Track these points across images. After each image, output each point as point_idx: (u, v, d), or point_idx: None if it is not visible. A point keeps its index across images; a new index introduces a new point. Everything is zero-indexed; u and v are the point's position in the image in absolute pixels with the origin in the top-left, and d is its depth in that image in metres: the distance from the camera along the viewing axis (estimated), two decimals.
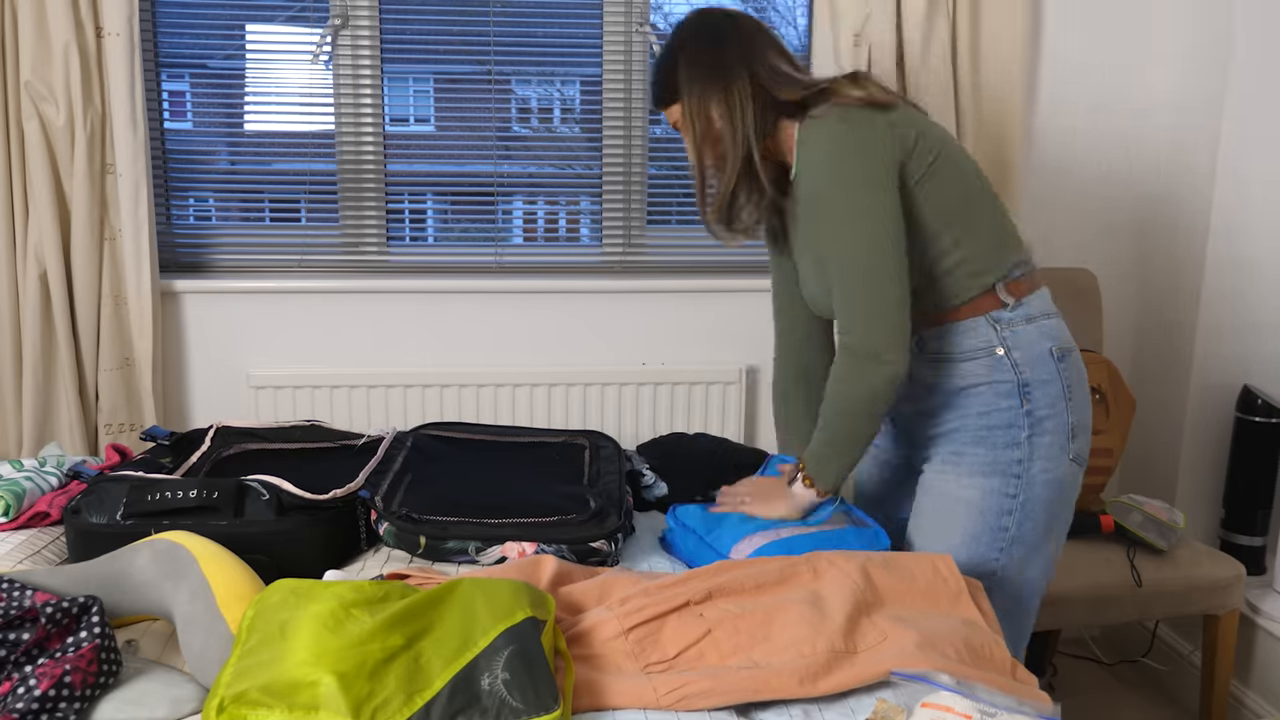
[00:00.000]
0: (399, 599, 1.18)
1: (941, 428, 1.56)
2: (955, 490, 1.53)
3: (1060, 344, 1.52)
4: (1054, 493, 1.52)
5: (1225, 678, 2.19)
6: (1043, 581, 1.59)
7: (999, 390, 1.49)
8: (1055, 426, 1.49)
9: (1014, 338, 1.49)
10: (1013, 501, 1.50)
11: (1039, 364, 1.49)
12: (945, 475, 1.55)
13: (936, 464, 1.57)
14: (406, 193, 2.55)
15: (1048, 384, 1.49)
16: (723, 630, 1.23)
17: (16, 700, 1.04)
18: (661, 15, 2.55)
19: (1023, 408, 1.48)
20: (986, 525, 1.51)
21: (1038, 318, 1.51)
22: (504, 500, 1.59)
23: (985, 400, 1.50)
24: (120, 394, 2.33)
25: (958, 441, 1.53)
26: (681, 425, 2.55)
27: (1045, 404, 1.49)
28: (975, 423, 1.51)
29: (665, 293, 2.55)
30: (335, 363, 2.48)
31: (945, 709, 1.05)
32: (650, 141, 2.58)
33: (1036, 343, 1.50)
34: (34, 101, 2.17)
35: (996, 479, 1.50)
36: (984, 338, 1.50)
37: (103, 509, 1.47)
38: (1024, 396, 1.48)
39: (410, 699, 1.04)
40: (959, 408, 1.53)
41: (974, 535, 1.52)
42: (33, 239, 2.23)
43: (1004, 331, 1.50)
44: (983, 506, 1.51)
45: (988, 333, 1.50)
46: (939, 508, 1.55)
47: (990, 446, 1.50)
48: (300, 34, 2.43)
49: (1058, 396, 1.49)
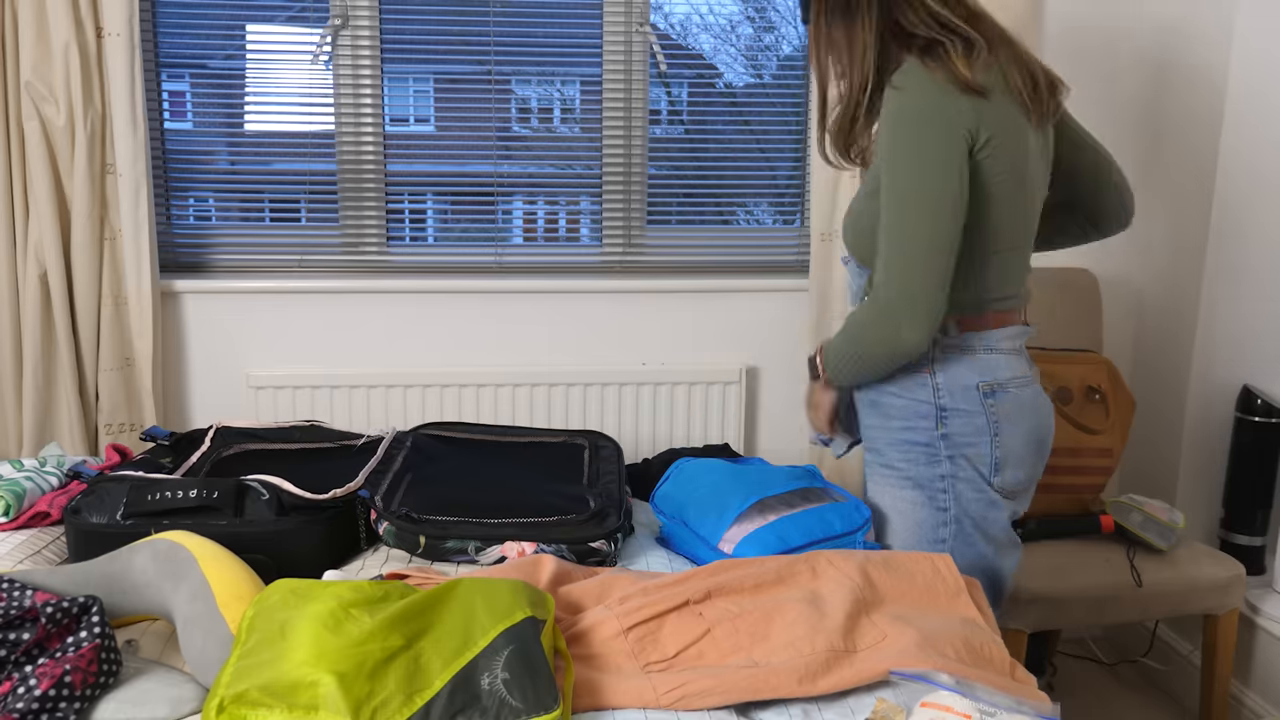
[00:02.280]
0: (399, 599, 1.18)
1: (871, 432, 1.58)
2: (890, 499, 1.55)
3: (992, 380, 1.49)
4: (985, 527, 1.53)
5: (1225, 678, 2.18)
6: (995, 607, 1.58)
7: (918, 410, 1.50)
8: (976, 455, 1.49)
9: (942, 363, 1.49)
10: (944, 515, 1.51)
11: (961, 395, 1.48)
12: (878, 482, 1.57)
13: (875, 470, 1.59)
14: (406, 193, 2.55)
15: (969, 415, 1.48)
16: (722, 629, 1.23)
17: (17, 700, 1.04)
18: (661, 15, 2.55)
19: (937, 430, 1.49)
20: (922, 538, 1.53)
21: (977, 351, 1.50)
22: (504, 500, 1.59)
23: (904, 414, 1.51)
24: (120, 394, 2.33)
25: (885, 451, 1.55)
26: (682, 425, 2.55)
27: (965, 433, 1.48)
28: (897, 435, 1.52)
29: (665, 293, 2.55)
30: (335, 363, 2.48)
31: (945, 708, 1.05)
32: (650, 141, 2.58)
33: (963, 375, 1.49)
34: (34, 101, 2.17)
35: (925, 492, 1.51)
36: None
37: (103, 509, 1.47)
38: (940, 420, 1.49)
39: (410, 699, 1.04)
40: (883, 412, 1.54)
41: (910, 546, 1.54)
42: (33, 239, 2.23)
43: (935, 353, 1.49)
44: (916, 519, 1.53)
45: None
46: (879, 515, 1.58)
47: (913, 462, 1.51)
48: (300, 34, 2.43)
49: (980, 430, 1.48)
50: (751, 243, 2.66)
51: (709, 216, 2.65)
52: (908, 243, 1.38)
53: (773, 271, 2.65)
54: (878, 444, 1.57)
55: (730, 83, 2.61)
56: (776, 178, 2.65)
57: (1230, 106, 2.36)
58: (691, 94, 2.61)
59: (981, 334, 1.50)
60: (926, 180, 1.37)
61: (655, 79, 2.57)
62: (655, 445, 2.55)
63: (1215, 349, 2.44)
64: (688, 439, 2.56)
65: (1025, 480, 1.54)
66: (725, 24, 2.59)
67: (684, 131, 2.62)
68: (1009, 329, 1.52)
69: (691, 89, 2.61)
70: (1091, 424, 2.19)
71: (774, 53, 2.63)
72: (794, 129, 2.63)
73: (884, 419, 1.54)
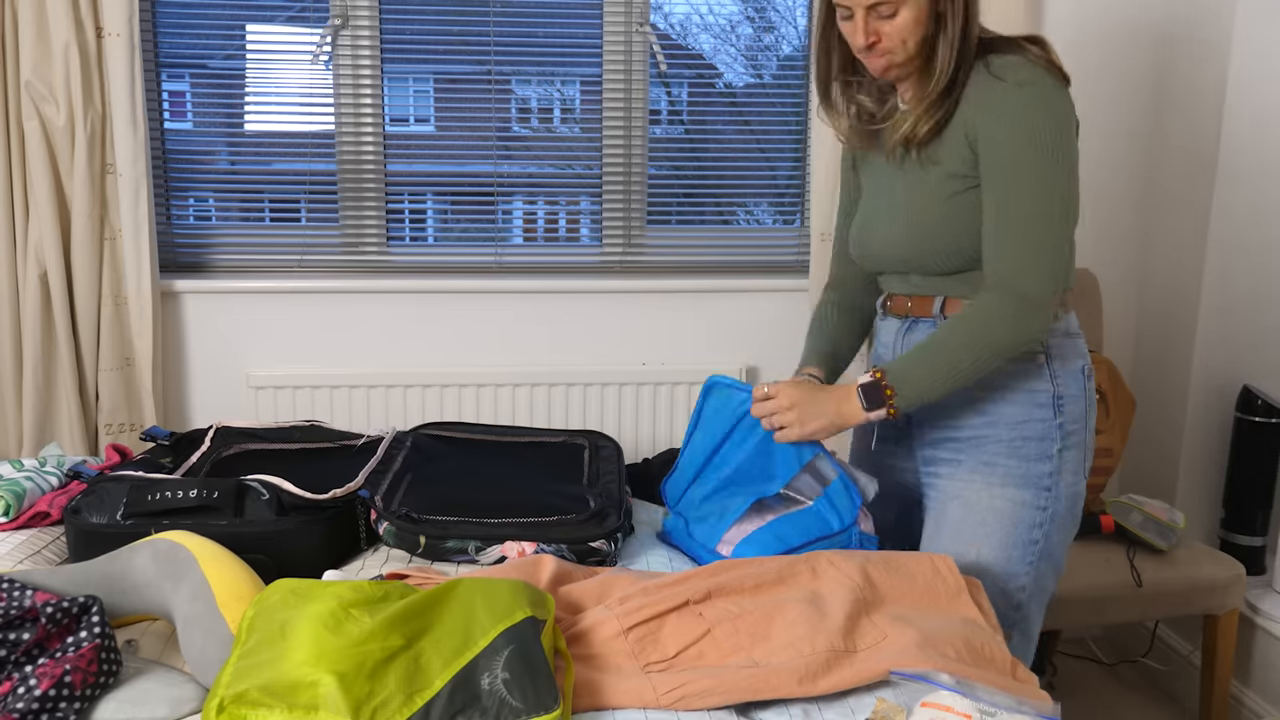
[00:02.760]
0: (399, 599, 1.18)
1: (969, 433, 1.50)
2: (986, 500, 1.48)
3: (1088, 364, 1.51)
4: (1073, 506, 1.51)
5: (1225, 678, 2.18)
6: (1051, 594, 1.58)
7: (1036, 399, 1.46)
8: (1079, 443, 1.48)
9: (1056, 348, 1.47)
10: (1042, 514, 1.47)
11: (1072, 379, 1.47)
12: (974, 484, 1.49)
13: (963, 472, 1.51)
14: (406, 193, 2.55)
15: (1076, 400, 1.47)
16: (722, 630, 1.23)
17: (16, 700, 1.04)
18: (661, 15, 2.55)
19: (1055, 420, 1.46)
20: (1018, 538, 1.47)
21: (1075, 334, 1.50)
22: (504, 500, 1.59)
23: (1021, 409, 1.46)
24: (120, 394, 2.33)
25: (988, 451, 1.48)
26: (682, 425, 2.55)
27: (1073, 419, 1.47)
28: (1008, 433, 1.47)
29: (665, 293, 2.55)
30: (335, 363, 2.48)
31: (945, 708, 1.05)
32: (650, 141, 2.58)
33: (1072, 359, 1.48)
34: (34, 101, 2.17)
35: (1029, 491, 1.46)
36: None
37: (103, 509, 1.47)
38: (1057, 409, 1.46)
39: (410, 699, 1.04)
40: (990, 414, 1.48)
41: (1005, 546, 1.48)
42: (33, 239, 2.23)
43: (1049, 340, 1.47)
44: (1015, 518, 1.47)
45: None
46: (967, 517, 1.49)
47: (1023, 459, 1.46)
48: (300, 34, 2.43)
49: (1082, 414, 1.48)
50: (751, 243, 2.66)
51: (709, 216, 2.65)
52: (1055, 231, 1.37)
53: (773, 271, 2.65)
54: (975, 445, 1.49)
55: (730, 83, 2.61)
56: (776, 178, 2.65)
57: (1230, 106, 2.36)
58: (691, 94, 2.61)
59: (1071, 315, 1.51)
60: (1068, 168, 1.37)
61: (655, 79, 2.57)
62: (655, 445, 2.55)
63: (1215, 349, 2.44)
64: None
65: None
66: (725, 24, 2.59)
67: (684, 131, 2.62)
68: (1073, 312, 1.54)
69: (691, 89, 2.61)
70: None
71: (774, 53, 2.63)
72: (794, 129, 2.63)
73: (985, 416, 1.48)
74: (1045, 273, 1.37)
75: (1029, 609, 1.53)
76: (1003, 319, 1.39)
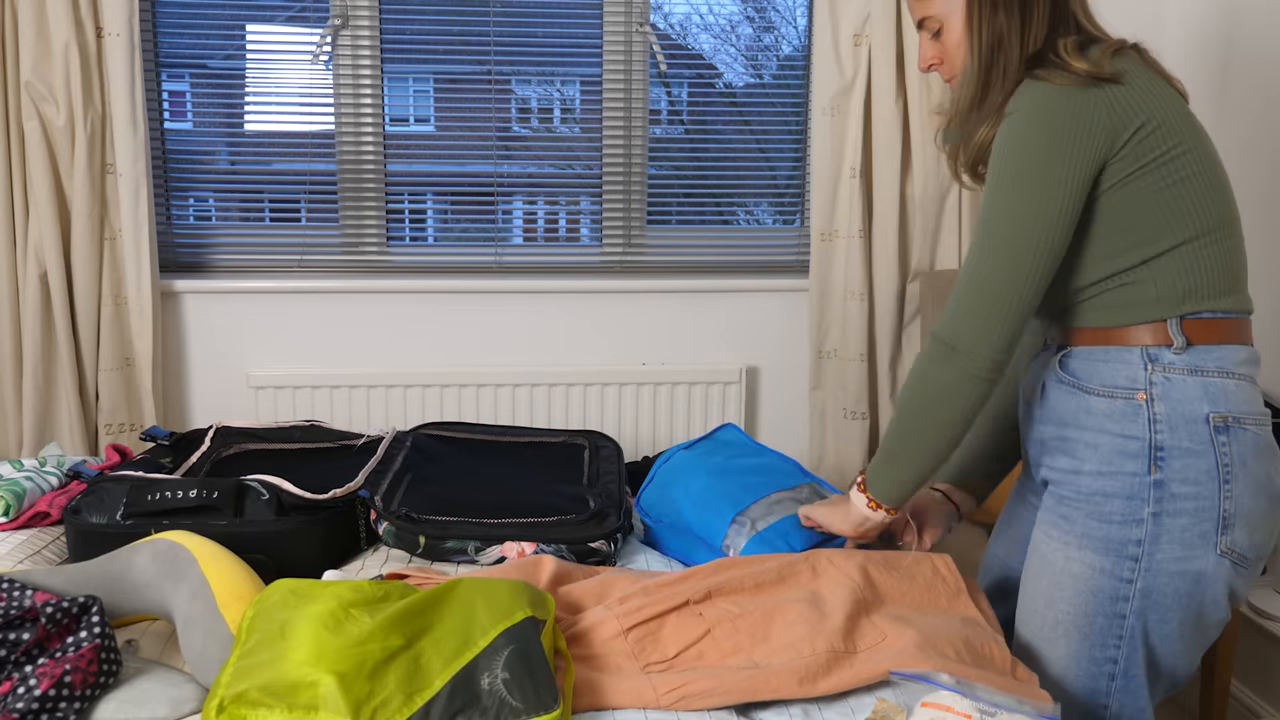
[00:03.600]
0: (399, 599, 1.18)
1: (1054, 471, 1.30)
2: (1061, 560, 1.27)
3: (1226, 412, 1.20)
4: (1191, 586, 1.22)
5: (1225, 678, 2.18)
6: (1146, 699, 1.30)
7: (1125, 447, 1.22)
8: (1196, 510, 1.19)
9: (1164, 385, 1.21)
10: (1128, 587, 1.23)
11: (1185, 427, 1.20)
12: (1052, 538, 1.29)
13: (1046, 518, 1.31)
14: (406, 193, 2.55)
15: (1193, 455, 1.19)
16: (722, 630, 1.23)
17: (16, 700, 1.04)
18: (661, 15, 2.55)
19: (1149, 476, 1.20)
20: (1100, 609, 1.25)
21: (1210, 372, 1.21)
22: (503, 500, 1.59)
23: (1105, 455, 1.23)
24: (120, 394, 2.33)
25: (1068, 500, 1.27)
26: (681, 425, 2.55)
27: (1185, 479, 1.20)
28: (1090, 483, 1.24)
29: (665, 293, 2.55)
30: (335, 363, 2.48)
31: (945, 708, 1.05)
32: (650, 141, 2.58)
33: (1191, 401, 1.20)
34: (34, 101, 2.17)
35: (1109, 559, 1.23)
36: (1128, 375, 1.22)
37: (103, 509, 1.47)
38: (1155, 463, 1.20)
39: (410, 699, 1.04)
40: (1074, 454, 1.27)
41: (1086, 616, 1.26)
42: (33, 239, 2.23)
43: (1155, 375, 1.21)
44: (1093, 587, 1.25)
45: (1135, 371, 1.22)
46: (1043, 574, 1.30)
47: (1103, 519, 1.23)
48: (300, 34, 2.43)
49: (1207, 474, 1.19)
50: (751, 243, 2.66)
51: (709, 216, 2.65)
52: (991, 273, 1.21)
53: (773, 271, 2.65)
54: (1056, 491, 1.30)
55: (730, 83, 2.61)
56: (776, 178, 2.65)
57: (1230, 105, 2.36)
58: (691, 94, 2.61)
59: (1221, 348, 1.22)
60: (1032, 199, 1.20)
61: (655, 79, 2.57)
62: (655, 445, 2.55)
63: None
64: (687, 439, 2.55)
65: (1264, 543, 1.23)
66: (725, 24, 2.59)
67: (684, 131, 2.62)
68: (1244, 349, 1.24)
69: (691, 89, 2.61)
70: None
71: (774, 53, 2.63)
72: (794, 129, 2.63)
73: (1071, 458, 1.27)
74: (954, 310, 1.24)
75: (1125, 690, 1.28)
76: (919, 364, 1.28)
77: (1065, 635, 1.28)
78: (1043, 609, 1.30)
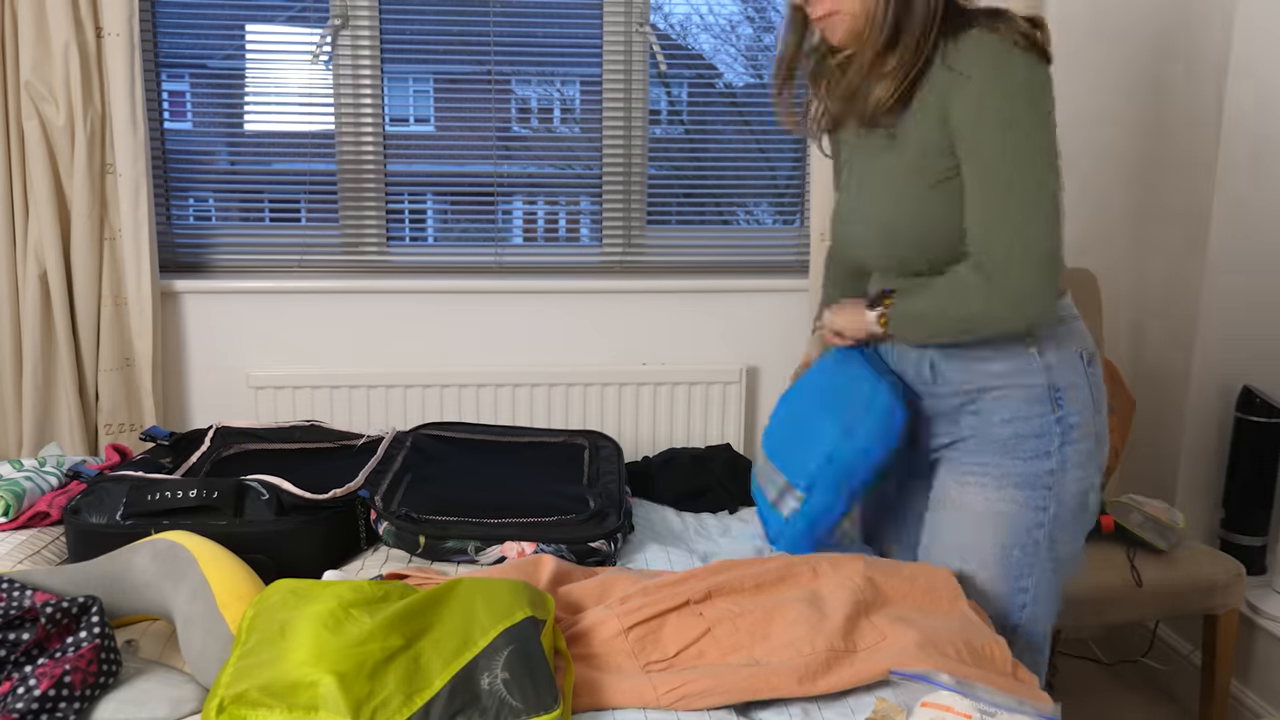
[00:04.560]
0: (398, 599, 1.18)
1: (956, 435, 1.44)
2: (982, 505, 1.40)
3: (1087, 348, 1.42)
4: (1081, 503, 1.42)
5: (1225, 677, 2.18)
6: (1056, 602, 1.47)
7: (1029, 395, 1.37)
8: (1085, 434, 1.39)
9: (1047, 336, 1.38)
10: (1043, 514, 1.39)
11: (1069, 365, 1.38)
12: (967, 488, 1.42)
13: (955, 475, 1.43)
14: (406, 193, 2.55)
15: (1078, 389, 1.38)
16: (722, 629, 1.23)
17: (16, 700, 1.04)
18: (661, 15, 2.55)
19: (1054, 414, 1.37)
20: (1018, 541, 1.40)
21: (1067, 319, 1.41)
22: (503, 500, 1.59)
23: (1011, 406, 1.38)
24: (120, 394, 2.33)
25: (981, 452, 1.41)
26: (681, 425, 2.55)
27: (1075, 409, 1.38)
28: (999, 431, 1.39)
29: (665, 293, 2.55)
30: (335, 363, 2.48)
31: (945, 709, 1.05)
32: (650, 141, 2.58)
33: (1066, 343, 1.39)
34: (34, 101, 2.17)
35: (1026, 491, 1.39)
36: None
37: (103, 509, 1.47)
38: (1055, 402, 1.37)
39: (410, 699, 1.04)
40: (978, 413, 1.41)
41: (1005, 549, 1.40)
42: (33, 239, 2.23)
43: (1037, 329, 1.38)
44: (1015, 521, 1.39)
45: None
46: (962, 523, 1.42)
47: (1019, 457, 1.38)
48: (300, 34, 2.43)
49: (1086, 403, 1.39)
50: (751, 243, 2.66)
51: (709, 216, 2.65)
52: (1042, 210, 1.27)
53: (772, 271, 2.65)
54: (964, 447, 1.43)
55: (730, 83, 2.61)
56: (776, 178, 2.65)
57: (1231, 105, 2.36)
58: (691, 94, 2.61)
59: (1065, 299, 1.42)
60: (1047, 143, 1.28)
61: (655, 79, 2.57)
62: (655, 445, 2.55)
63: (1215, 349, 2.44)
64: (688, 439, 2.56)
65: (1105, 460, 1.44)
66: (725, 24, 2.59)
67: (684, 131, 2.62)
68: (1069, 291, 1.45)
69: (691, 89, 2.61)
70: None
71: (774, 53, 2.62)
72: None
73: (977, 416, 1.41)
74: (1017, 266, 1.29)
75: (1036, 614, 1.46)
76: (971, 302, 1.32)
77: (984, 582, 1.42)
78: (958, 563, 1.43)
